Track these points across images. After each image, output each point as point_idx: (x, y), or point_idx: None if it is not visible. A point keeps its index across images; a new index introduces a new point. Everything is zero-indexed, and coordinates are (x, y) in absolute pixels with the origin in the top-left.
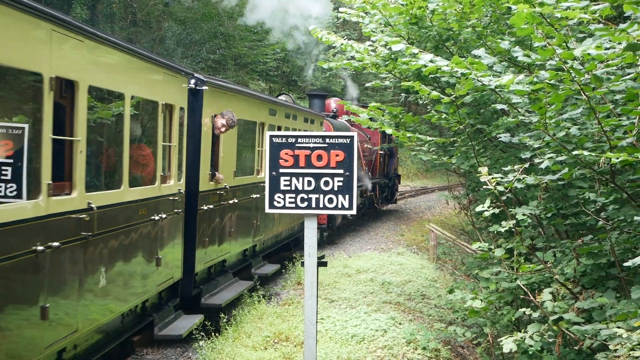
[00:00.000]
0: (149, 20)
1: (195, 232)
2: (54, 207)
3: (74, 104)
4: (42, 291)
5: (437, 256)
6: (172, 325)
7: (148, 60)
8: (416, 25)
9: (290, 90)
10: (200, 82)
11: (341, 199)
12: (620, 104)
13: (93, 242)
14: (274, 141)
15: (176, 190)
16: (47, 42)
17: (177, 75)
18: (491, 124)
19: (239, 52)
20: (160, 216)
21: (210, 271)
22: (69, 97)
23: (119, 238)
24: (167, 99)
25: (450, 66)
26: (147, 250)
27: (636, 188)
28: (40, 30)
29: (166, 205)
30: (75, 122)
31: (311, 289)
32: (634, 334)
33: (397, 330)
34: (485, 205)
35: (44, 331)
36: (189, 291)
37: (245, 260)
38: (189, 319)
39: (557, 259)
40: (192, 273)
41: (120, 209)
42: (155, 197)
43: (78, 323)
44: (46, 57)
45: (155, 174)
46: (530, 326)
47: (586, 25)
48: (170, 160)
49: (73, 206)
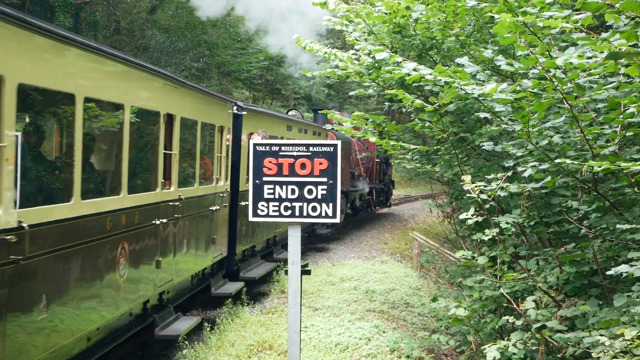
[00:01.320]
0: (132, 28)
1: (236, 222)
2: (164, 196)
3: (172, 128)
4: (157, 250)
5: (421, 264)
6: (223, 287)
7: (210, 95)
8: (400, 34)
9: (274, 98)
10: (240, 108)
11: (325, 207)
12: (603, 112)
13: (182, 220)
14: (257, 149)
15: (224, 189)
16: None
17: (226, 104)
18: (474, 132)
19: (223, 61)
20: (216, 207)
21: (245, 254)
22: (169, 124)
23: (193, 220)
24: (220, 122)
25: (434, 75)
26: (208, 231)
27: (618, 196)
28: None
29: (219, 200)
30: (173, 139)
31: (295, 298)
32: (617, 341)
33: (380, 339)
34: (469, 213)
35: (157, 275)
36: (231, 266)
37: (269, 248)
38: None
39: (540, 267)
40: (234, 253)
41: (195, 199)
42: (213, 193)
43: (173, 275)
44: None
45: (212, 177)
46: (514, 334)
47: (569, 34)
48: (221, 167)
49: (171, 197)
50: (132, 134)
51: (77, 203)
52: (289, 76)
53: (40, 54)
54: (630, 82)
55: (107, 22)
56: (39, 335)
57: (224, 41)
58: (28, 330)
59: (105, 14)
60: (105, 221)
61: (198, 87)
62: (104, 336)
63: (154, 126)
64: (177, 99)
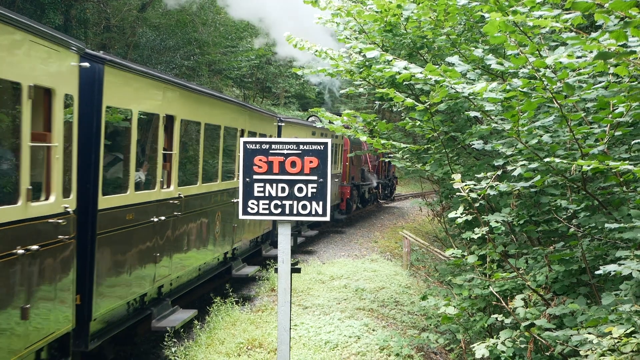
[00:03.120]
0: (122, 26)
1: None
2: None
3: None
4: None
5: (411, 263)
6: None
7: (264, 113)
8: (390, 32)
9: (264, 96)
10: (280, 120)
11: (315, 205)
12: (592, 112)
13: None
14: (247, 147)
15: None
16: None
17: (273, 118)
18: (465, 131)
19: (213, 59)
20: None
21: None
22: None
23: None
24: (269, 132)
25: (424, 73)
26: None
27: (607, 195)
28: None
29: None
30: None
31: (285, 296)
32: (604, 339)
33: (370, 337)
34: (459, 212)
35: None
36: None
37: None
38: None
39: (529, 266)
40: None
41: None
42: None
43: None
44: None
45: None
46: (503, 332)
47: (558, 33)
48: None
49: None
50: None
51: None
52: (279, 74)
53: (255, 119)
54: (619, 81)
55: (97, 20)
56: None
57: (215, 39)
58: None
59: (96, 12)
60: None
61: (259, 109)
62: None
63: (235, 139)
64: (245, 118)
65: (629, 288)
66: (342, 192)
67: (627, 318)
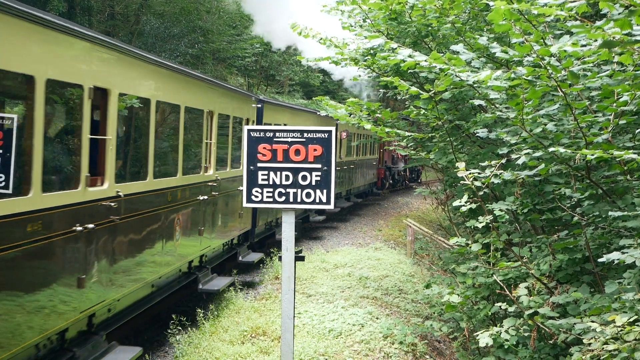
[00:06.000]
0: (127, 13)
1: None
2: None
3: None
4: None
5: (415, 251)
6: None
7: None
8: (395, 20)
9: (268, 84)
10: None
11: (319, 193)
12: (596, 100)
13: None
14: (251, 135)
15: None
16: None
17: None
18: (469, 119)
19: (218, 47)
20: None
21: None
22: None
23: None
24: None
25: (429, 61)
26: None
27: (611, 184)
28: None
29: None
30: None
31: (289, 284)
32: (608, 328)
33: (374, 325)
34: (463, 200)
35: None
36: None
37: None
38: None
39: (533, 254)
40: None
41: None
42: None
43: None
44: None
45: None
46: (506, 320)
47: (563, 22)
48: None
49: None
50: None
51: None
52: (283, 62)
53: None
54: (623, 70)
55: (101, 7)
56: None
57: (219, 27)
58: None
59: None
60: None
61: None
62: None
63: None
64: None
65: (632, 276)
66: (378, 173)
67: (631, 306)
